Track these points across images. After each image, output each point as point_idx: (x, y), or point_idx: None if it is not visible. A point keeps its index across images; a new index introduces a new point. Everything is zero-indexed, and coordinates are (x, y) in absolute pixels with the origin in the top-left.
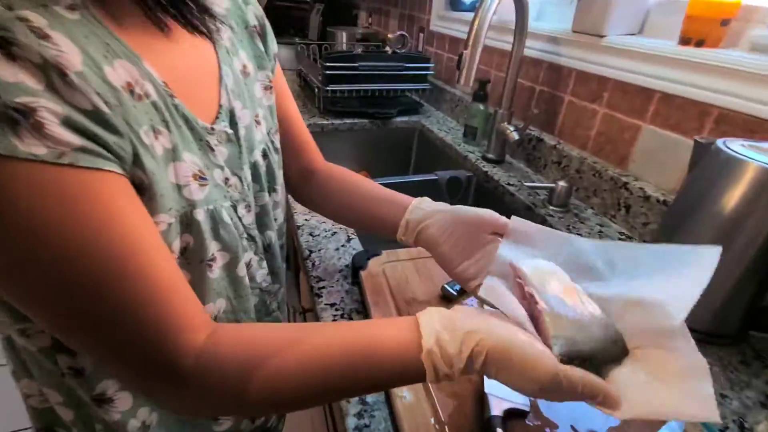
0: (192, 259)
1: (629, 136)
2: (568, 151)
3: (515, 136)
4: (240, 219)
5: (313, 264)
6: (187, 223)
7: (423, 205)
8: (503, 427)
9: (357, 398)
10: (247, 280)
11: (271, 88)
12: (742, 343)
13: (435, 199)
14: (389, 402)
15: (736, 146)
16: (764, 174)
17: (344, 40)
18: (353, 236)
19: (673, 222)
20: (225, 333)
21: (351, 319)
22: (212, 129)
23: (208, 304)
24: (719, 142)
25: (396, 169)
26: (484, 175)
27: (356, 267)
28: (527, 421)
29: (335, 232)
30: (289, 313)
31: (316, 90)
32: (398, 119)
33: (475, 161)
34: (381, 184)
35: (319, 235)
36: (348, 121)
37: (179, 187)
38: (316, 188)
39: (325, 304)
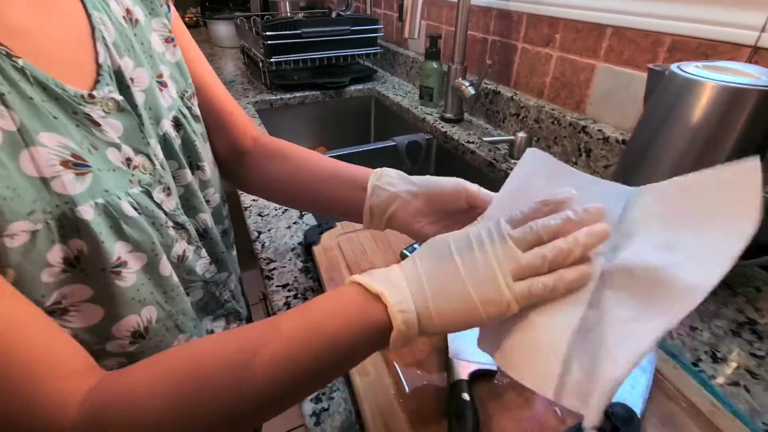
0: (90, 269)
1: (584, 78)
2: (525, 102)
3: (471, 91)
4: (159, 205)
5: (263, 245)
6: (71, 226)
7: (384, 183)
8: (469, 391)
9: None
10: (175, 278)
11: (173, 39)
12: None
13: (396, 166)
14: (348, 381)
15: (690, 69)
16: (723, 92)
17: (288, 9)
18: (307, 212)
19: (632, 157)
20: (104, 385)
21: (305, 299)
22: (91, 97)
23: (128, 317)
24: (673, 67)
25: (355, 141)
26: (443, 136)
27: (308, 243)
28: (495, 380)
29: (286, 210)
30: (264, 302)
31: (261, 64)
32: (352, 88)
33: (434, 123)
34: (338, 156)
35: (268, 214)
36: (298, 94)
37: (44, 181)
38: (252, 168)
39: (276, 286)
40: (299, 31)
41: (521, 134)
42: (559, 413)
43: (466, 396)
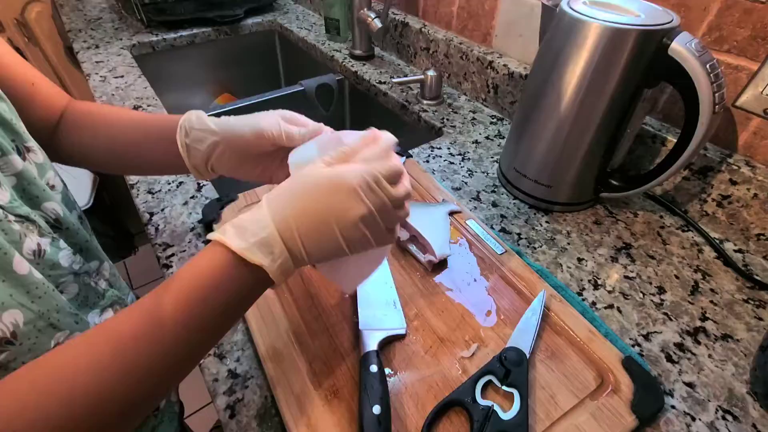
0: None
1: (489, 7)
2: (434, 34)
3: (377, 24)
4: None
5: (157, 229)
6: None
7: (193, 139)
8: (378, 362)
9: (225, 374)
10: (37, 275)
11: None
12: (597, 205)
13: (308, 112)
14: (261, 368)
15: (579, 6)
16: (605, 33)
17: None
18: (205, 182)
19: (530, 99)
20: None
21: None
22: None
23: None
24: (563, 4)
25: (264, 83)
26: (354, 76)
27: (207, 222)
28: (406, 342)
29: (181, 182)
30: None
31: None
32: (249, 21)
33: (343, 61)
34: (244, 106)
35: (160, 190)
36: (184, 33)
37: None
38: (65, 139)
39: None
40: None
41: (431, 73)
42: (459, 368)
43: (373, 368)
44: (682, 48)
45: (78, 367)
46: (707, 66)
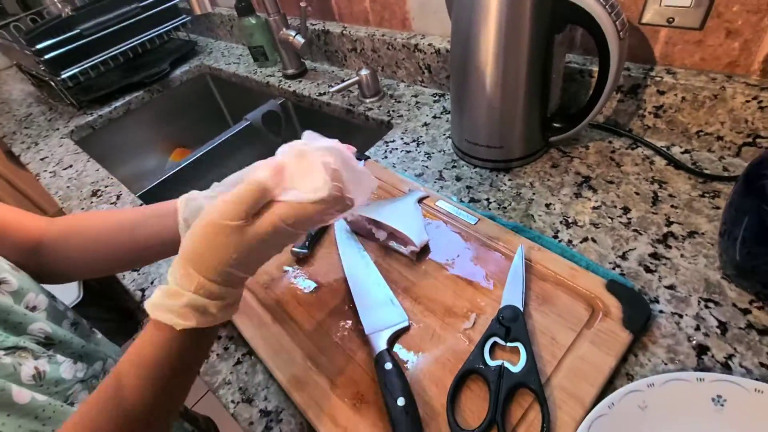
0: None
1: None
2: (356, 33)
3: (300, 40)
4: None
5: None
6: None
7: (190, 214)
8: (391, 359)
9: (257, 415)
10: (40, 399)
11: None
12: (550, 150)
13: (261, 143)
14: (288, 398)
15: None
16: None
17: (51, 1)
18: None
19: (457, 72)
20: None
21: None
22: None
23: None
24: None
25: (212, 128)
26: (293, 96)
27: None
28: (412, 332)
29: None
30: None
31: (53, 83)
32: (177, 72)
33: (279, 84)
34: (198, 157)
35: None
36: (118, 104)
37: None
38: (53, 259)
39: None
40: (77, 31)
41: (364, 72)
42: (465, 340)
43: (388, 365)
44: None
45: None
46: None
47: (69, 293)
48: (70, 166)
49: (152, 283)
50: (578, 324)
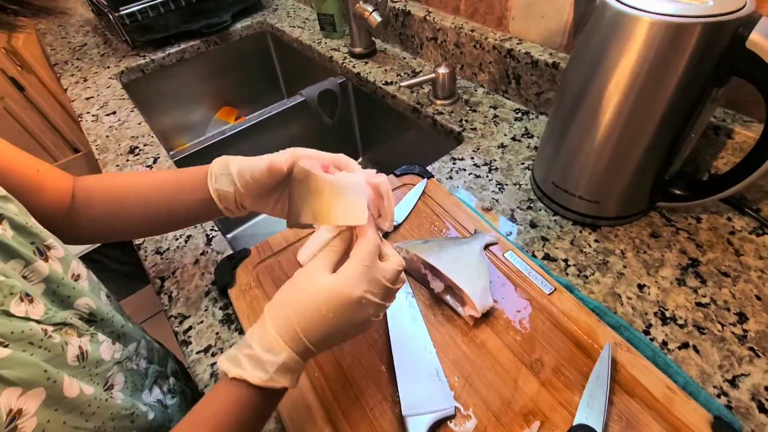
0: None
1: None
2: (441, 22)
3: (376, 18)
4: (27, 318)
5: (170, 297)
6: None
7: (222, 185)
8: None
9: None
10: (87, 390)
11: None
12: (651, 212)
13: (313, 123)
14: None
15: None
16: (662, 29)
17: None
18: (213, 231)
19: (567, 104)
20: None
21: None
22: None
23: None
24: None
25: (263, 91)
26: (356, 78)
27: (222, 287)
28: (457, 425)
29: (189, 236)
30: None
31: (111, 17)
32: (238, 26)
33: (343, 61)
34: (250, 125)
35: (168, 248)
36: (172, 50)
37: None
38: (83, 218)
39: (198, 353)
40: None
41: (442, 69)
42: None
43: None
44: (764, 39)
45: None
46: None
47: None
48: (114, 112)
49: (174, 273)
50: None
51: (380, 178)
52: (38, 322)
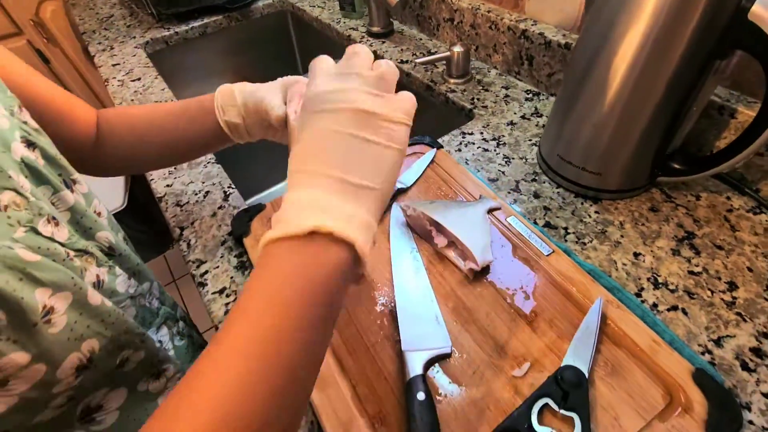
0: (18, 334)
1: None
2: (458, 3)
3: None
4: (52, 239)
5: (189, 244)
6: None
7: (230, 116)
8: (425, 388)
9: None
10: (108, 303)
11: None
12: (652, 189)
13: None
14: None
15: None
16: (668, 0)
17: None
18: (231, 189)
19: (575, 77)
20: None
21: None
22: None
23: (69, 357)
24: None
25: (280, 69)
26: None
27: (238, 235)
28: (452, 362)
29: (207, 192)
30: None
31: None
32: (260, 3)
33: (361, 40)
34: None
35: (188, 202)
36: (195, 24)
37: None
38: (107, 147)
39: (213, 293)
40: None
41: (457, 48)
42: (511, 389)
43: (421, 395)
44: (766, 11)
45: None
46: None
47: (114, 199)
48: (138, 79)
49: (192, 223)
50: (650, 411)
51: None
52: (62, 244)
